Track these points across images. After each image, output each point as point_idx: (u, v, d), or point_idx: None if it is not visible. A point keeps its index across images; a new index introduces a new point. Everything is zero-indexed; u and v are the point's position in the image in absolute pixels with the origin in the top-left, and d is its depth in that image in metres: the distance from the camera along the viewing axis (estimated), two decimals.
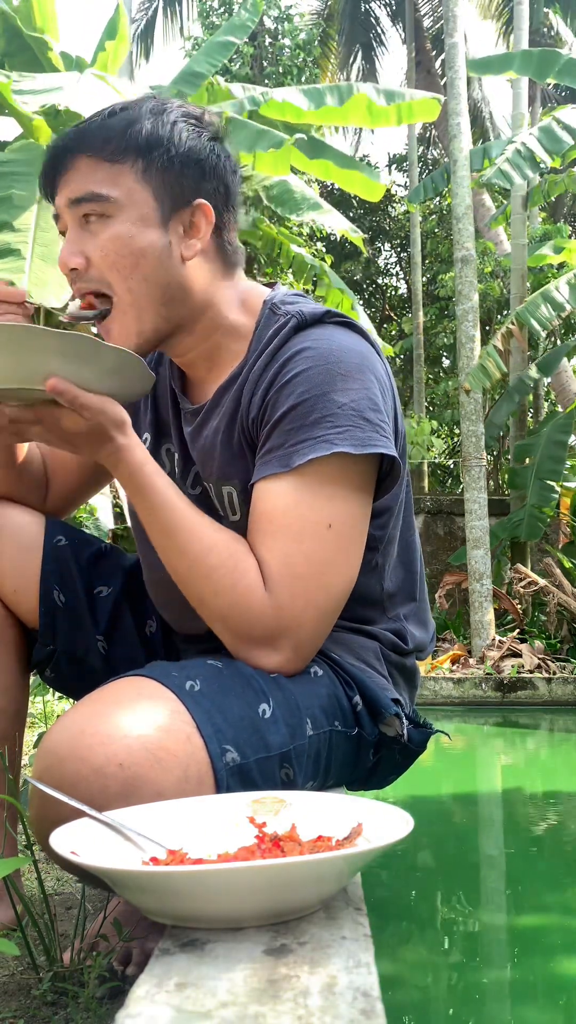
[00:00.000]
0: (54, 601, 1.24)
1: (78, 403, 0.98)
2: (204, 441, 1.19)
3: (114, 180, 1.09)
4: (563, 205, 14.92)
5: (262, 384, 1.11)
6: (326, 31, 15.29)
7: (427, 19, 15.31)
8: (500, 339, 7.40)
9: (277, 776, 1.01)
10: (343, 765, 1.16)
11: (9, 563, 1.22)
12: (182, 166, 1.12)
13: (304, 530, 1.05)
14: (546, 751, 4.88)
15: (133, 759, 0.88)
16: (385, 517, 1.21)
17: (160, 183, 1.11)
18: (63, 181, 1.12)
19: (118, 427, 1.03)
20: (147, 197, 1.10)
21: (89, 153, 1.10)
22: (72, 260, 1.10)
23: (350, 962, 0.64)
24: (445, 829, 2.99)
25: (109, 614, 1.29)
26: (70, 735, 0.90)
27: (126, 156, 1.10)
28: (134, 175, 1.10)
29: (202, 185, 1.13)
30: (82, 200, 1.10)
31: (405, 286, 15.36)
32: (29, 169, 4.86)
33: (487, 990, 1.64)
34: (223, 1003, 0.57)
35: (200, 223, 1.13)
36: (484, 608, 7.18)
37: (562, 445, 8.15)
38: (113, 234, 1.09)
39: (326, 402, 1.06)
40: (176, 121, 1.13)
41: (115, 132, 1.10)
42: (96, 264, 1.10)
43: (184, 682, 0.98)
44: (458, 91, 7.59)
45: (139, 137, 1.10)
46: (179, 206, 1.12)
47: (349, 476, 1.08)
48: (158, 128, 1.11)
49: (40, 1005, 0.94)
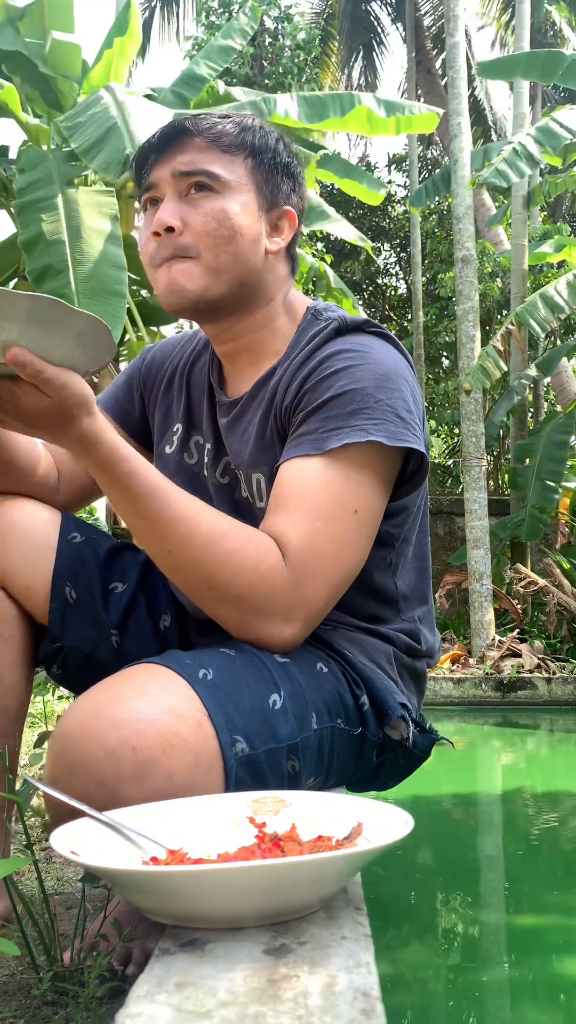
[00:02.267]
0: (65, 598, 1.24)
1: (41, 377, 0.92)
2: (240, 431, 1.24)
3: (227, 165, 1.19)
4: (562, 205, 14.92)
5: (299, 376, 1.16)
6: (327, 31, 15.27)
7: (427, 18, 15.32)
8: (500, 339, 7.40)
9: (284, 768, 1.01)
10: (345, 765, 1.16)
11: (21, 561, 1.22)
12: (282, 174, 1.24)
13: (333, 512, 1.08)
14: (546, 751, 4.88)
15: (146, 743, 0.89)
16: (402, 516, 1.24)
17: (263, 181, 1.22)
18: (172, 154, 1.19)
19: (83, 406, 0.97)
20: (251, 189, 1.20)
21: (206, 137, 1.19)
22: (170, 220, 1.16)
23: (350, 962, 0.64)
24: (445, 829, 2.99)
25: (123, 610, 1.29)
26: (84, 718, 0.91)
27: (239, 150, 1.20)
28: (244, 168, 1.20)
29: (291, 196, 1.26)
30: (194, 173, 1.17)
31: (405, 286, 15.36)
32: (47, 193, 4.82)
33: (487, 990, 1.64)
34: (223, 1003, 0.57)
35: (284, 226, 1.24)
36: (484, 608, 7.18)
37: (563, 445, 8.16)
38: (219, 207, 1.17)
39: (364, 396, 1.11)
40: (279, 138, 1.26)
41: (230, 130, 1.21)
42: (192, 230, 1.17)
43: (197, 670, 0.98)
44: (459, 91, 7.59)
45: (251, 139, 1.22)
46: (273, 206, 1.23)
47: (377, 467, 1.12)
48: (266, 138, 1.24)
49: (40, 1005, 0.94)
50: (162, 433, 1.37)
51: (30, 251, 4.62)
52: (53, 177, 4.93)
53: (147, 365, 1.43)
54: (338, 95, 6.30)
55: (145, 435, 1.43)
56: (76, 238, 4.63)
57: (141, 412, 1.42)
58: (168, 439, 1.36)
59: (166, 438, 1.36)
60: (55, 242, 4.61)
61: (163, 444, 1.36)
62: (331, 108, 6.18)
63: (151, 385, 1.41)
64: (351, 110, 6.15)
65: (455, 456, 13.93)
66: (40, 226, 4.66)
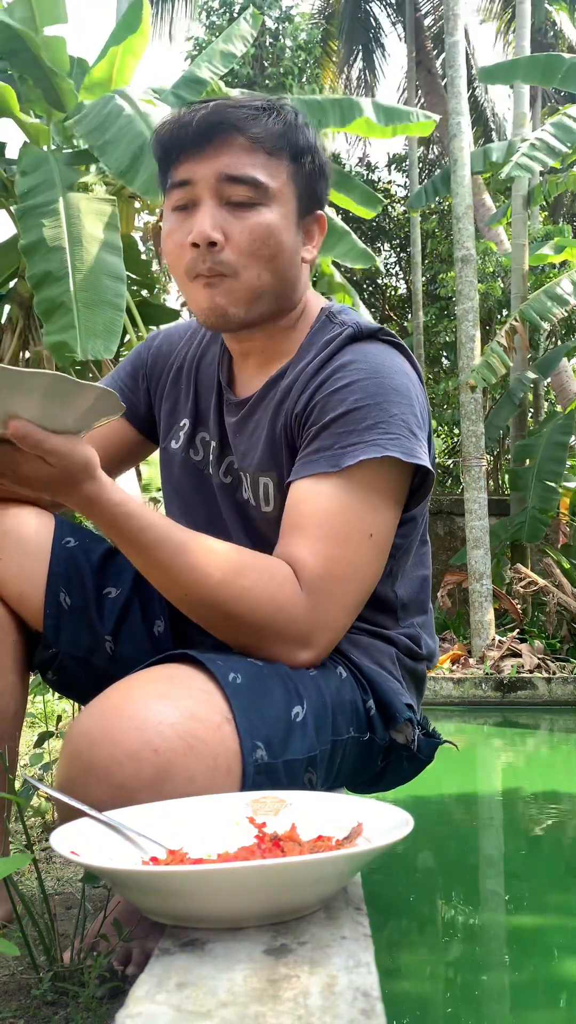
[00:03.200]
0: (60, 604, 1.23)
1: (42, 448, 0.93)
2: (248, 432, 1.22)
3: (272, 171, 1.12)
4: (562, 205, 14.92)
5: (312, 385, 1.14)
6: (327, 30, 15.27)
7: (428, 18, 15.32)
8: (504, 336, 7.41)
9: (301, 779, 1.00)
10: (352, 770, 1.16)
11: (14, 567, 1.22)
12: (320, 176, 1.18)
13: (350, 537, 1.07)
14: (546, 751, 4.88)
15: (167, 745, 0.87)
16: (409, 526, 1.23)
17: (304, 187, 1.16)
18: (214, 152, 1.10)
19: (86, 470, 0.98)
20: (292, 197, 1.15)
21: (250, 136, 1.11)
22: (214, 234, 1.10)
23: (350, 962, 0.64)
24: (445, 829, 2.99)
25: (117, 614, 1.29)
26: (103, 719, 0.89)
27: (283, 153, 1.13)
28: (287, 172, 1.14)
29: (324, 196, 1.21)
30: (241, 181, 1.10)
31: (405, 286, 15.36)
32: (51, 195, 4.82)
33: (487, 990, 1.64)
34: (223, 1003, 0.57)
35: (315, 232, 1.20)
36: (484, 608, 7.18)
37: (563, 446, 8.16)
38: (265, 221, 1.11)
39: (379, 411, 1.09)
40: (316, 133, 1.19)
41: (273, 128, 1.12)
42: (235, 246, 1.11)
43: (228, 672, 0.97)
44: (458, 90, 7.58)
45: (296, 139, 1.14)
46: (308, 212, 1.18)
47: (391, 485, 1.11)
48: (309, 136, 1.16)
49: (40, 1005, 0.94)
50: (168, 428, 1.35)
51: (31, 256, 4.61)
52: (55, 181, 4.93)
53: (153, 355, 1.39)
54: (338, 99, 6.28)
55: (151, 428, 1.41)
56: (76, 245, 4.64)
57: (147, 405, 1.40)
58: (175, 434, 1.34)
59: (172, 433, 1.34)
60: (56, 248, 4.61)
61: (169, 439, 1.35)
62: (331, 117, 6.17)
63: (158, 377, 1.38)
64: (352, 122, 6.15)
65: (455, 456, 13.92)
66: (41, 231, 4.65)
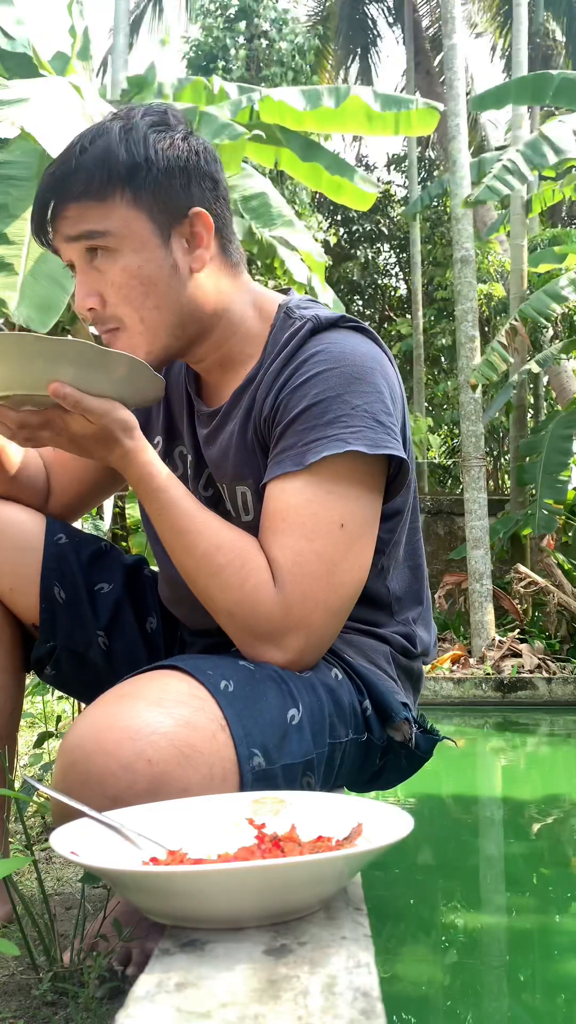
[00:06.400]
0: (55, 597, 1.24)
1: (81, 407, 1.01)
2: (220, 443, 1.19)
3: (107, 215, 1.07)
4: (561, 210, 14.92)
5: (277, 384, 1.11)
6: (323, 33, 15.27)
7: (425, 19, 15.32)
8: (505, 335, 7.41)
9: (299, 783, 1.00)
10: (351, 771, 1.16)
11: (7, 562, 1.23)
12: (168, 179, 1.09)
13: (317, 528, 1.05)
14: (546, 751, 4.88)
15: (161, 755, 0.87)
16: (395, 521, 1.21)
17: (152, 204, 1.08)
18: (55, 223, 1.11)
19: (125, 430, 1.05)
20: (143, 222, 1.08)
21: (75, 200, 1.08)
22: (88, 301, 1.10)
23: (350, 962, 0.64)
24: (445, 829, 2.99)
25: (110, 610, 1.29)
26: (97, 729, 0.89)
27: (112, 190, 1.07)
28: (124, 205, 1.08)
29: (191, 191, 1.11)
30: (80, 237, 1.09)
31: (405, 286, 15.36)
32: (26, 172, 4.81)
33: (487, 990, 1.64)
34: (223, 1003, 0.57)
35: (201, 232, 1.12)
36: (484, 608, 7.18)
37: (567, 439, 8.16)
38: (120, 267, 1.08)
39: (340, 403, 1.07)
40: (147, 135, 1.09)
41: (94, 170, 1.07)
42: (111, 301, 1.10)
43: (219, 681, 0.97)
44: (456, 92, 7.59)
45: (119, 167, 1.07)
46: (176, 221, 1.10)
47: (361, 476, 1.08)
48: (133, 150, 1.08)
49: (40, 1005, 0.94)
50: None
51: None
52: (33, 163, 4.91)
53: None
54: (335, 87, 6.21)
55: None
56: None
57: None
58: None
59: None
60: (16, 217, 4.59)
61: None
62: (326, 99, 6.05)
63: None
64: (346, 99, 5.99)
65: (455, 456, 13.93)
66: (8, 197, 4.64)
